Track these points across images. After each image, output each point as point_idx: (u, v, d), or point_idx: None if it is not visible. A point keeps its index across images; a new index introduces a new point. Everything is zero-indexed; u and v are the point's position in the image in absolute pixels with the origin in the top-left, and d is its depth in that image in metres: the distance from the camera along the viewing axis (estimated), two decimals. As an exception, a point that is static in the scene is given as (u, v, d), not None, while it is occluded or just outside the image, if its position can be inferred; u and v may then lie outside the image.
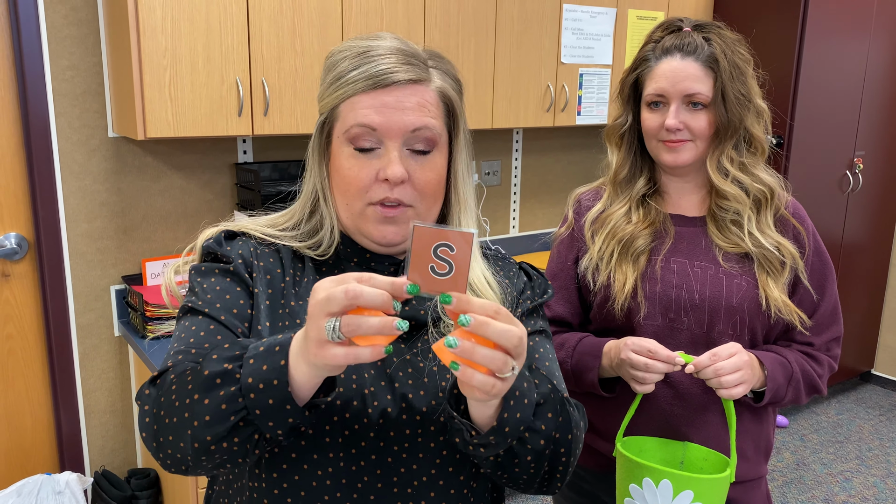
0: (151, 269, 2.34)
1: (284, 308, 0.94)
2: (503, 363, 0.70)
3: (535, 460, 0.86)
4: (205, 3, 2.04)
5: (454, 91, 0.97)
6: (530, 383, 0.84)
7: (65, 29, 2.17)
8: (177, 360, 0.86)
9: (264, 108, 2.18)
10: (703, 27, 1.32)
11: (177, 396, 0.79)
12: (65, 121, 2.21)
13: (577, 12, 2.86)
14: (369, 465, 0.90)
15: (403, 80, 0.91)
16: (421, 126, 0.92)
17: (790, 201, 1.38)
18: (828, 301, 1.38)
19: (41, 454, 2.41)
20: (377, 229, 0.94)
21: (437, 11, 2.48)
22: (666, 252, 1.35)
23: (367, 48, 0.93)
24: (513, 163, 3.21)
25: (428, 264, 0.70)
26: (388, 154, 0.91)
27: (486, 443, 0.81)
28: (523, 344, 0.72)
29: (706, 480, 1.15)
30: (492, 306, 0.71)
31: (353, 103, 0.92)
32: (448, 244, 0.70)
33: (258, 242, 1.00)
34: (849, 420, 3.78)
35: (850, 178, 3.59)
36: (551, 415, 0.86)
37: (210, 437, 0.76)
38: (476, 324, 0.69)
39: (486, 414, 0.80)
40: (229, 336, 0.89)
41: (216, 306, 0.91)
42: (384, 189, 0.92)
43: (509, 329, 0.70)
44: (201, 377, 0.77)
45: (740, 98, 1.29)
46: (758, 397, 1.33)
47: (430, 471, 0.92)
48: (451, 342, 0.68)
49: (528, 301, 1.04)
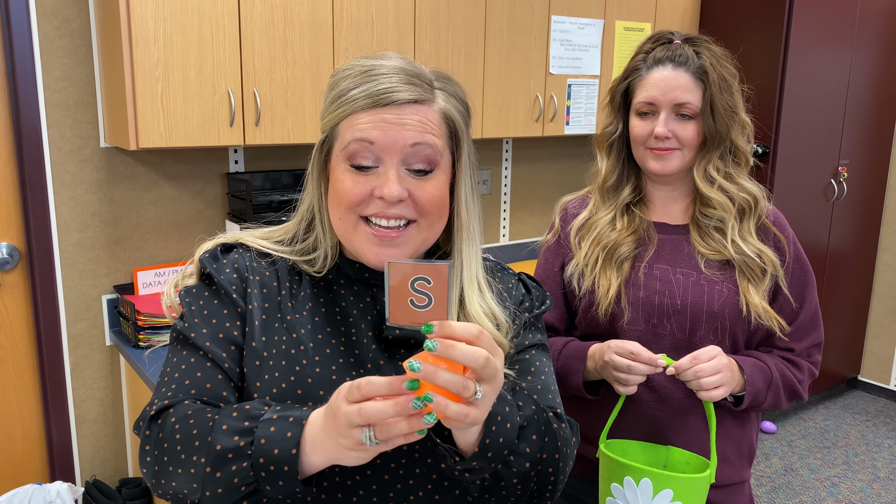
0: (143, 278, 2.35)
1: (281, 322, 0.94)
2: (463, 387, 0.69)
3: (521, 482, 0.86)
4: (197, 15, 2.06)
5: (459, 114, 0.95)
6: (512, 407, 0.85)
7: (57, 40, 2.19)
8: (176, 399, 0.88)
9: (256, 119, 2.20)
10: (693, 40, 1.36)
11: (183, 450, 0.82)
12: (57, 131, 2.23)
13: (565, 24, 2.90)
14: (365, 480, 0.90)
15: (404, 100, 0.89)
16: (420, 142, 0.89)
17: (771, 210, 1.41)
18: (808, 308, 1.40)
19: (32, 464, 2.40)
20: (371, 251, 0.91)
21: (427, 23, 2.51)
22: (649, 259, 1.38)
23: (370, 67, 0.91)
24: (503, 172, 3.24)
25: (407, 298, 0.72)
26: (385, 173, 0.89)
27: (470, 468, 0.82)
28: (492, 366, 0.71)
29: (685, 480, 1.18)
30: (474, 328, 0.71)
31: (352, 120, 0.90)
32: (425, 277, 0.71)
33: (255, 254, 0.99)
34: (836, 426, 3.81)
35: (834, 186, 3.64)
36: (535, 436, 0.86)
37: (220, 502, 0.80)
38: (442, 348, 0.69)
39: (468, 440, 0.81)
40: (214, 372, 0.90)
41: (202, 331, 0.92)
42: (379, 205, 0.90)
43: (475, 350, 0.70)
44: (212, 450, 0.79)
45: (727, 109, 1.32)
46: (738, 401, 1.36)
47: (427, 486, 0.92)
48: (414, 365, 0.69)
49: (527, 313, 1.03)
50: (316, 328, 0.94)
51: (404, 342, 0.96)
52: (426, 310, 0.72)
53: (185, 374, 0.90)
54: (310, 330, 0.94)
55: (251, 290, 0.95)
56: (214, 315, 0.93)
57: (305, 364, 0.91)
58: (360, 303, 0.97)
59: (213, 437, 0.80)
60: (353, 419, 0.70)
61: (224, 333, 0.92)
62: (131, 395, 2.40)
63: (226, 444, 0.79)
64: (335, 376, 0.91)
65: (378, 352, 0.94)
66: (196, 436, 0.81)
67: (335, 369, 0.91)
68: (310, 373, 0.90)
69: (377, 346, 0.95)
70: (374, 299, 0.98)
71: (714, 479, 1.25)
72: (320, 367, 0.91)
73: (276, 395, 0.89)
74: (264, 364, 0.91)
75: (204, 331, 0.92)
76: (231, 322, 0.93)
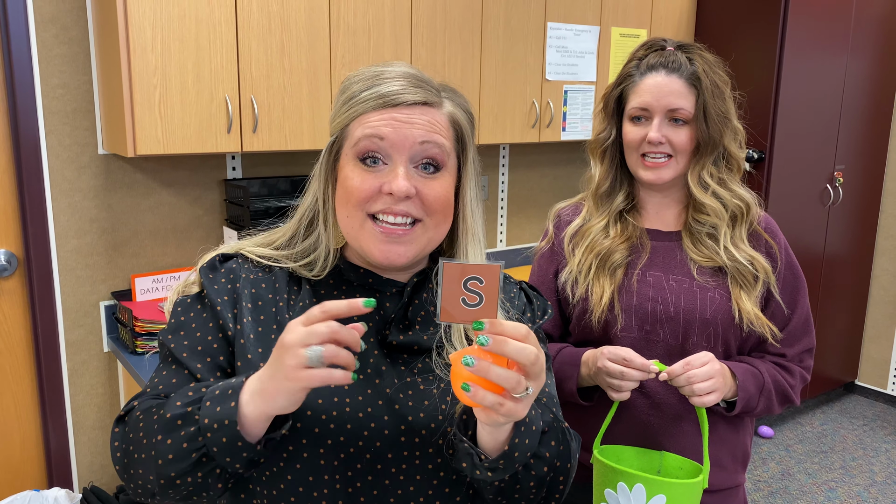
0: (141, 284, 2.35)
1: (279, 333, 0.93)
2: (517, 382, 0.72)
3: (536, 486, 0.88)
4: (194, 22, 2.07)
5: (465, 121, 0.97)
6: (536, 411, 0.87)
7: (55, 48, 2.20)
8: (142, 399, 0.91)
9: (253, 125, 2.21)
10: (686, 47, 1.37)
11: (144, 434, 0.85)
12: (55, 138, 2.24)
13: (561, 30, 2.91)
14: (366, 486, 0.90)
15: (413, 101, 0.92)
16: (429, 140, 0.91)
17: (762, 216, 1.42)
18: (800, 313, 1.41)
19: (29, 470, 2.41)
20: (378, 249, 0.92)
21: (423, 30, 2.52)
22: (642, 266, 1.39)
23: (380, 72, 0.94)
24: (500, 178, 3.25)
25: (459, 297, 0.74)
26: (394, 169, 0.91)
27: (495, 467, 0.83)
28: (540, 364, 0.74)
29: (679, 485, 1.19)
30: (523, 328, 0.74)
31: (362, 120, 0.92)
32: (478, 277, 0.74)
33: (252, 265, 0.99)
34: (833, 430, 3.82)
35: (830, 191, 3.65)
36: (554, 443, 0.88)
37: (174, 473, 0.82)
38: (495, 343, 0.72)
39: (498, 440, 0.82)
40: (188, 381, 0.92)
41: (183, 343, 0.94)
42: (386, 201, 0.91)
43: (526, 347, 0.72)
44: (164, 419, 0.82)
45: (720, 115, 1.34)
46: (730, 407, 1.37)
47: (428, 491, 0.92)
48: (469, 360, 0.71)
49: (530, 324, 1.04)
50: None
51: (407, 348, 0.96)
52: (477, 308, 0.74)
53: (160, 383, 0.93)
54: None
55: (244, 304, 0.95)
56: (199, 328, 0.95)
57: None
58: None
59: (165, 409, 0.83)
60: (317, 331, 0.75)
61: (203, 346, 0.94)
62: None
63: (175, 412, 0.82)
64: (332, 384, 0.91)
65: (380, 357, 0.95)
66: (156, 420, 0.84)
67: None
68: None
69: (379, 351, 0.95)
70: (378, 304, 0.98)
71: (707, 484, 1.26)
72: None
73: None
74: None
75: (185, 343, 0.94)
76: (213, 335, 0.94)
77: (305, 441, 0.89)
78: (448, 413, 0.92)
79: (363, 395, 0.91)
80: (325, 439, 0.89)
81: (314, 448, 0.89)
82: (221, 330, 0.94)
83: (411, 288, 0.99)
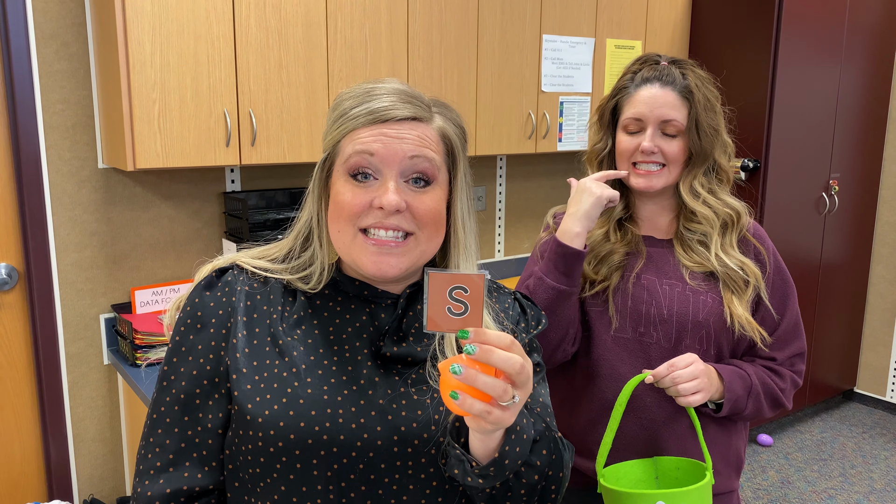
0: (141, 297, 2.37)
1: (273, 346, 0.96)
2: (504, 391, 0.73)
3: (528, 494, 0.89)
4: (193, 37, 2.10)
5: (456, 135, 0.99)
6: (528, 419, 0.88)
7: (56, 63, 2.23)
8: (154, 483, 0.94)
9: (252, 139, 2.23)
10: (679, 63, 1.41)
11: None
12: (55, 153, 2.26)
13: (556, 42, 2.94)
14: (359, 496, 0.91)
15: (403, 116, 0.93)
16: (418, 154, 0.93)
17: (751, 223, 1.45)
18: (789, 318, 1.43)
19: (30, 483, 2.41)
20: (371, 261, 0.93)
21: (420, 43, 2.55)
22: (638, 269, 1.41)
23: (370, 89, 0.96)
24: (497, 188, 3.27)
25: (445, 306, 0.76)
26: (384, 184, 0.92)
27: (486, 474, 0.84)
28: (526, 373, 0.75)
29: (694, 490, 1.21)
30: (507, 338, 0.75)
31: (353, 136, 0.94)
32: (462, 286, 0.75)
33: (248, 277, 1.01)
34: (832, 438, 3.82)
35: (826, 199, 3.67)
36: (545, 452, 0.89)
37: None
38: (481, 352, 0.73)
39: (488, 447, 0.83)
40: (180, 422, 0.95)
41: (180, 370, 0.96)
42: (377, 215, 0.92)
43: (511, 356, 0.74)
44: None
45: (711, 128, 1.37)
46: (719, 408, 1.38)
47: (421, 501, 0.93)
48: (456, 369, 0.73)
49: (524, 334, 1.05)
50: (308, 350, 0.96)
51: (401, 359, 0.97)
52: (462, 317, 0.76)
53: (162, 438, 0.95)
54: (302, 352, 0.95)
55: (239, 318, 0.97)
56: (192, 352, 0.97)
57: (297, 386, 0.92)
58: (357, 321, 0.99)
59: None
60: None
61: (197, 370, 0.96)
62: (129, 414, 2.42)
63: None
64: (326, 396, 0.92)
65: (373, 368, 0.96)
66: None
67: (327, 389, 0.93)
68: (301, 394, 0.92)
69: (373, 362, 0.96)
70: (372, 316, 0.99)
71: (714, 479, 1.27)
72: (312, 388, 0.92)
73: (270, 417, 0.90)
74: (255, 387, 0.93)
75: (182, 369, 0.96)
76: (205, 357, 0.96)
77: (299, 452, 0.89)
78: (441, 423, 0.92)
79: (356, 406, 0.92)
80: (319, 450, 0.89)
81: (307, 459, 0.90)
82: (214, 351, 0.96)
83: (405, 300, 1.00)
